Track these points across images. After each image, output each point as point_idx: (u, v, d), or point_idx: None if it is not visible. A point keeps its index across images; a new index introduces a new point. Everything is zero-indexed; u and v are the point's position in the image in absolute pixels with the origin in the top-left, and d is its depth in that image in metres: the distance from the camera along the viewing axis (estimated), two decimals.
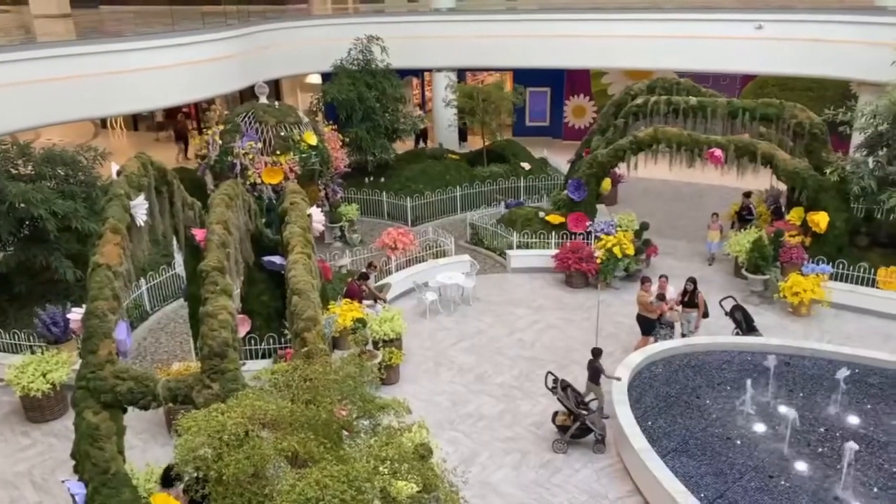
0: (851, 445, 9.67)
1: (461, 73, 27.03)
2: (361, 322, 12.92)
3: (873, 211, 16.64)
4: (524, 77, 27.17)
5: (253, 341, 12.62)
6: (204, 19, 22.00)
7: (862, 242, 16.23)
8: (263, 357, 12.61)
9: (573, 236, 17.77)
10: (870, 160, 16.06)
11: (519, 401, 12.57)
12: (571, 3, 26.07)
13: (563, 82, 29.37)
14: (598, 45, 23.11)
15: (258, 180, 16.33)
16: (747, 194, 18.63)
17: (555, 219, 18.33)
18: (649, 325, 13.61)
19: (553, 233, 17.92)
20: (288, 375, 7.03)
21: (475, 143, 26.84)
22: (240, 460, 5.93)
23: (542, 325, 15.23)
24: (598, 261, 16.58)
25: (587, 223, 17.99)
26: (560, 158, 24.10)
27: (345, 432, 7.03)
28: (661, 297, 13.33)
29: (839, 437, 10.53)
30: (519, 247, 17.97)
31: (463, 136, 27.44)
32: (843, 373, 11.45)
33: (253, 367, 11.54)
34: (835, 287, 15.28)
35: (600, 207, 19.40)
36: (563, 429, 11.19)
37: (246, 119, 16.86)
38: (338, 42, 22.06)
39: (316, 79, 28.92)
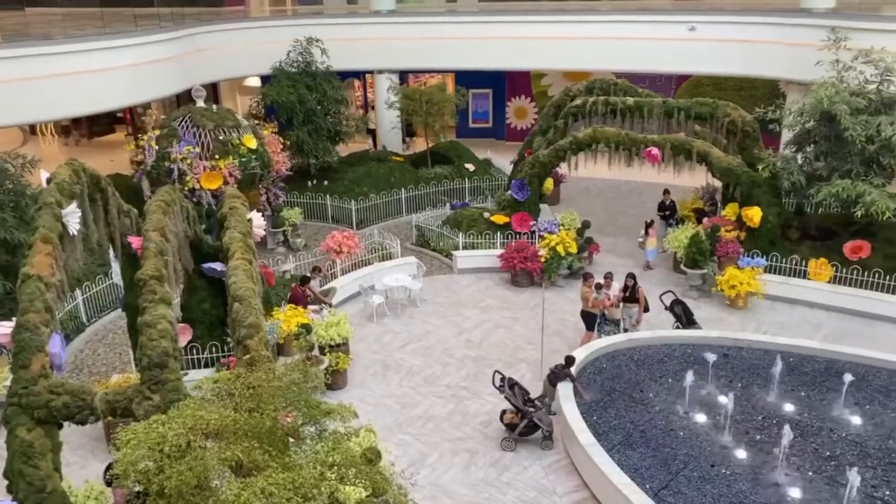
0: (787, 431, 10.02)
1: (403, 74, 27.03)
2: (307, 328, 12.78)
3: (803, 205, 17.28)
4: (466, 79, 27.33)
5: (195, 350, 12.34)
6: (136, 22, 21.42)
7: (793, 236, 16.84)
8: (206, 366, 12.35)
9: (518, 236, 17.96)
10: (798, 156, 16.73)
11: (467, 401, 12.62)
12: (511, 6, 26.37)
13: (504, 84, 29.65)
14: (537, 47, 23.42)
15: (197, 185, 15.98)
16: (666, 192, 19.18)
17: (499, 219, 18.49)
18: (592, 321, 13.86)
19: (498, 233, 18.06)
20: (230, 384, 6.90)
21: (419, 144, 26.90)
22: (182, 472, 5.79)
23: (489, 325, 15.33)
24: (543, 259, 16.79)
25: (531, 223, 18.21)
26: (503, 159, 24.35)
27: (291, 439, 6.94)
28: (598, 286, 13.59)
29: (776, 424, 10.88)
30: (465, 247, 18.05)
31: (411, 136, 27.50)
32: (778, 363, 11.87)
33: (195, 377, 11.28)
34: (769, 279, 15.81)
35: (543, 207, 19.65)
36: (511, 427, 11.29)
37: (183, 123, 16.48)
38: (276, 44, 21.79)
39: (255, 81, 28.51)
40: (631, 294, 13.98)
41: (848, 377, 11.48)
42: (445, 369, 13.65)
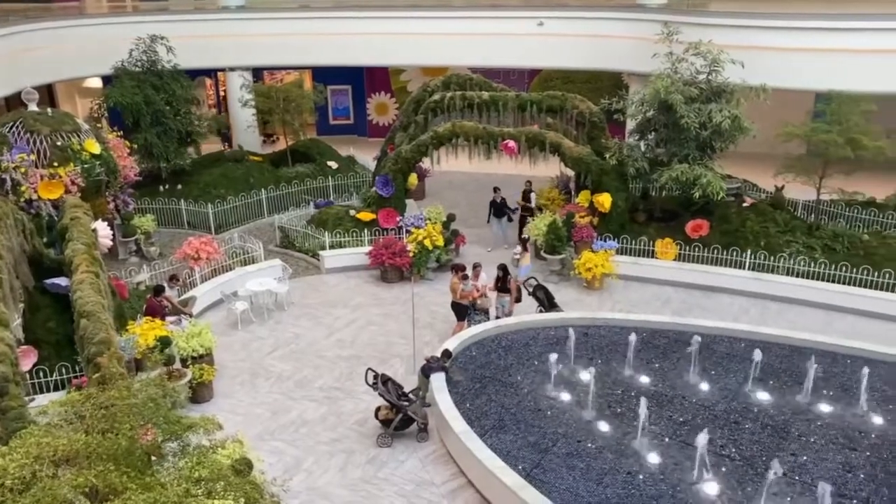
0: (643, 403, 10.69)
1: (258, 72, 26.25)
2: (165, 340, 12.15)
3: (648, 189, 18.45)
4: (324, 75, 26.96)
5: (42, 373, 11.40)
6: None
7: (641, 218, 17.94)
8: (57, 389, 11.43)
9: (385, 232, 17.97)
10: (641, 144, 17.84)
11: (341, 401, 12.49)
12: (366, 1, 26.23)
13: (363, 80, 29.51)
14: (394, 42, 23.45)
15: (34, 196, 14.75)
16: (496, 189, 18.86)
17: (366, 216, 18.42)
18: (462, 311, 14.13)
19: (365, 230, 17.98)
20: (80, 405, 6.43)
21: (278, 143, 26.25)
22: None
23: (360, 323, 15.24)
24: (411, 254, 16.90)
25: (397, 218, 18.28)
26: (367, 156, 24.27)
27: (153, 458, 6.58)
28: (466, 277, 13.90)
29: (634, 396, 11.58)
30: (332, 247, 17.83)
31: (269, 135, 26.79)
32: (633, 339, 12.63)
33: (44, 402, 10.41)
34: (621, 260, 16.77)
35: (409, 202, 19.76)
36: (386, 423, 11.30)
37: (14, 129, 15.15)
38: (117, 42, 20.48)
39: (97, 82, 26.64)
40: (503, 285, 14.37)
41: (694, 347, 12.39)
42: (317, 372, 13.43)
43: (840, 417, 11.18)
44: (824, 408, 11.41)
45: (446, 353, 12.14)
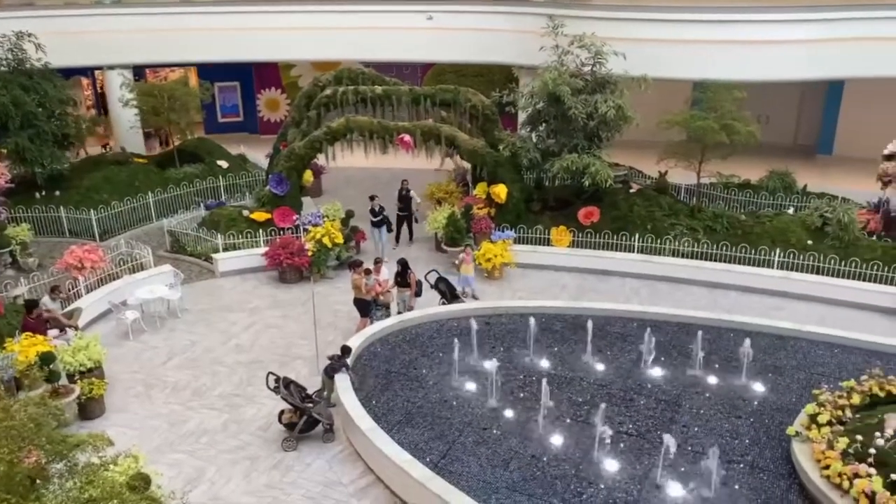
0: (545, 386, 11.00)
1: (139, 70, 25.05)
2: (48, 356, 11.42)
3: (542, 179, 18.94)
4: (210, 72, 26.05)
5: None
6: None
7: (536, 208, 18.37)
8: None
9: (282, 231, 17.59)
10: (533, 135, 18.29)
11: (243, 408, 12.15)
12: None
13: (252, 76, 28.72)
14: (281, 37, 22.96)
15: None
16: (372, 197, 17.78)
17: (260, 216, 17.97)
18: (366, 307, 14.04)
19: (260, 230, 17.54)
20: None
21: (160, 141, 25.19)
22: None
23: (259, 326, 14.86)
24: (310, 253, 16.62)
25: (294, 217, 17.94)
26: (259, 153, 23.64)
27: (37, 481, 6.18)
28: (368, 271, 13.83)
29: (535, 380, 11.87)
30: (226, 249, 17.28)
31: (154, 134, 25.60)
32: (532, 325, 12.95)
33: None
34: (519, 249, 17.14)
35: (306, 200, 19.44)
36: (290, 426, 11.09)
37: None
38: None
39: None
40: (403, 279, 14.37)
41: (589, 328, 12.83)
42: (216, 379, 13.01)
43: (726, 388, 11.88)
44: (712, 380, 12.10)
45: (345, 350, 12.02)
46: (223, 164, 22.25)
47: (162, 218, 19.37)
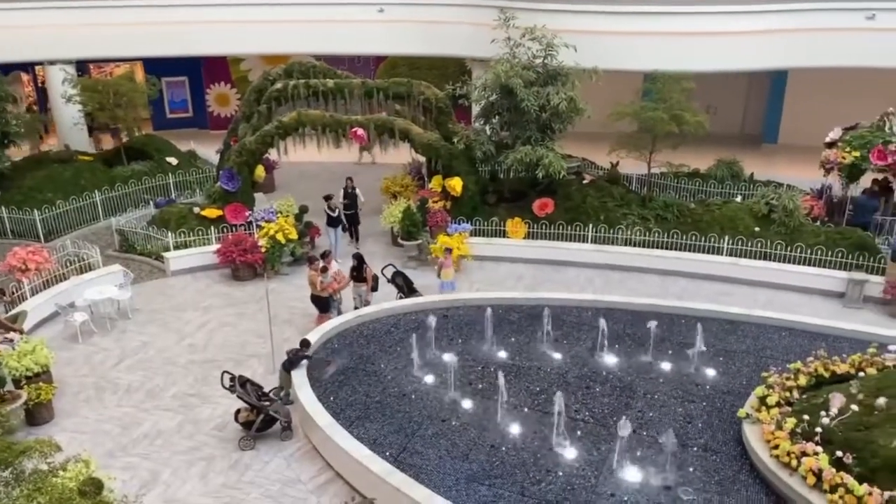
0: (501, 377, 11.07)
1: (83, 65, 24.33)
2: None
3: (496, 171, 19.01)
4: (157, 67, 25.42)
5: None
6: None
7: (491, 200, 18.45)
8: None
9: (234, 228, 17.31)
10: (487, 128, 18.36)
11: (198, 408, 11.96)
12: None
13: (200, 70, 28.17)
14: (230, 30, 22.62)
15: None
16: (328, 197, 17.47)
17: (212, 213, 17.67)
18: (324, 304, 13.92)
19: (212, 227, 17.25)
20: None
21: (106, 141, 24.51)
22: None
23: (213, 325, 14.62)
24: (263, 249, 16.40)
25: (246, 213, 17.69)
26: (209, 149, 23.20)
27: None
28: (325, 269, 13.72)
29: (493, 371, 11.94)
30: (177, 247, 16.96)
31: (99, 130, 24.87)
32: (490, 316, 13.01)
33: None
34: (475, 242, 17.20)
35: (258, 196, 19.14)
36: (247, 425, 10.95)
37: None
38: None
39: None
40: (359, 274, 14.29)
41: (546, 318, 12.96)
42: (169, 379, 12.76)
43: (679, 373, 12.13)
44: (665, 366, 12.33)
45: (305, 343, 11.92)
46: (172, 160, 21.82)
47: (110, 217, 18.92)
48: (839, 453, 8.94)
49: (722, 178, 19.60)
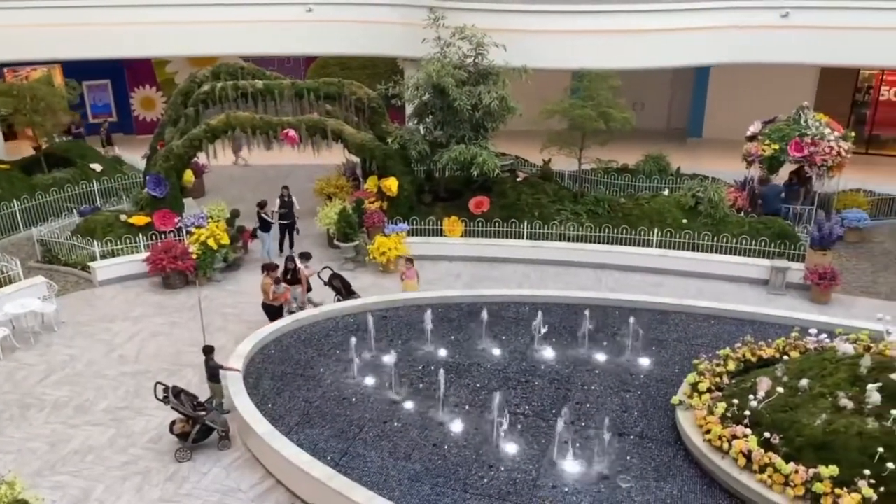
0: (441, 375, 11.11)
1: None
2: None
3: (432, 171, 19.03)
4: (77, 70, 24.50)
5: None
6: None
7: (427, 199, 18.48)
8: None
9: (163, 235, 16.84)
10: (421, 127, 18.37)
11: (130, 421, 11.59)
12: None
13: (123, 73, 27.26)
14: (153, 32, 21.96)
15: None
16: (261, 204, 17.33)
17: (139, 220, 17.16)
18: (275, 313, 13.67)
19: (140, 235, 16.74)
20: None
21: (23, 147, 23.41)
22: None
23: (144, 335, 14.20)
24: (194, 256, 16.01)
25: (175, 219, 17.24)
26: (135, 154, 22.54)
27: None
28: (278, 280, 13.52)
29: (434, 370, 11.96)
30: (104, 256, 16.39)
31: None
32: (429, 315, 13.02)
33: None
34: (413, 242, 17.20)
35: (187, 201, 18.71)
36: (183, 436, 10.68)
37: None
38: None
39: None
40: (293, 276, 14.10)
41: (484, 315, 13.06)
42: (100, 393, 12.33)
43: (614, 364, 12.41)
44: (601, 357, 12.59)
45: (207, 349, 11.59)
46: (96, 167, 21.08)
47: (31, 227, 18.13)
48: (767, 434, 9.32)
49: (650, 172, 20.13)
